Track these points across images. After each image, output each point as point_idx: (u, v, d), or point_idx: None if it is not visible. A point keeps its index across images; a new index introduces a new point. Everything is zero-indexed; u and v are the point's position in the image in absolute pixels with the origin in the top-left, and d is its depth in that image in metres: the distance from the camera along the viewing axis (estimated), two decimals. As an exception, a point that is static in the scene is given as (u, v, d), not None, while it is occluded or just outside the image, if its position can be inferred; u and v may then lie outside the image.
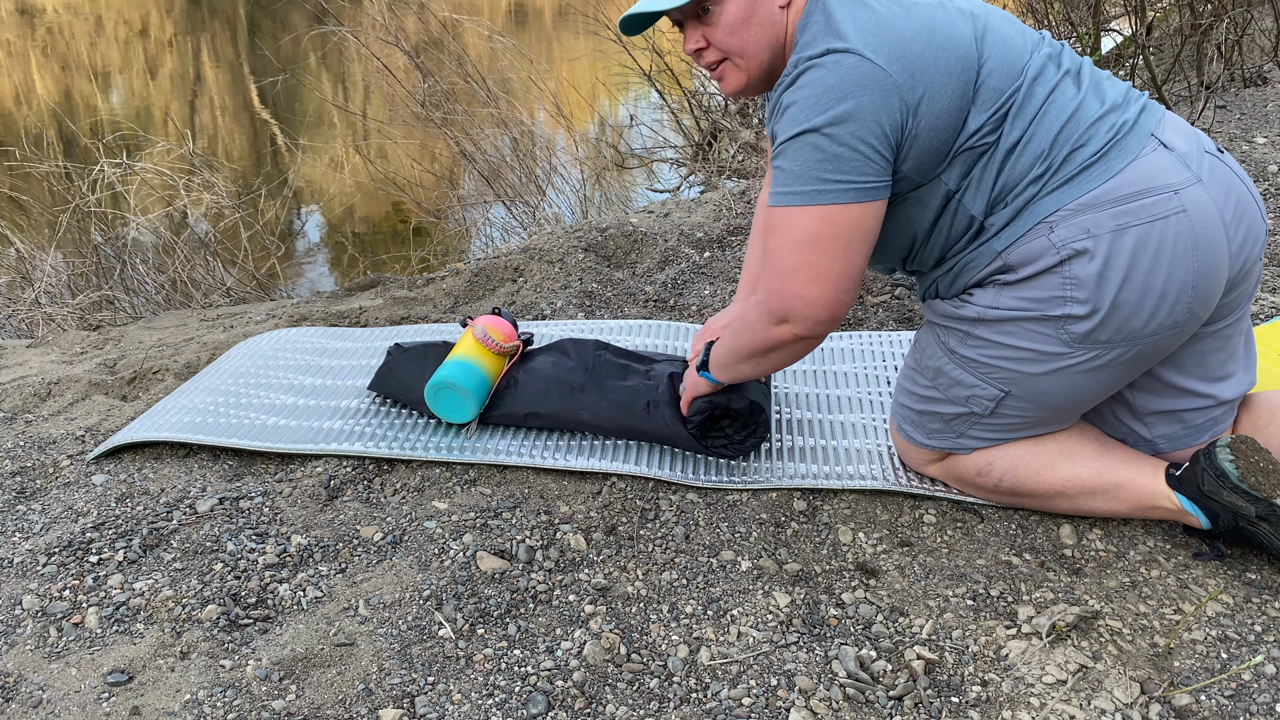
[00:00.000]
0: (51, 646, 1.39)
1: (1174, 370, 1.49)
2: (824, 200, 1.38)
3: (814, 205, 1.39)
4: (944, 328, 1.53)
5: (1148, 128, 1.41)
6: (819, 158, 1.37)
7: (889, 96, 1.34)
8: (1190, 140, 1.42)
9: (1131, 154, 1.38)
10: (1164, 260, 1.35)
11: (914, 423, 1.62)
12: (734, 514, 1.64)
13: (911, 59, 1.35)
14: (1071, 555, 1.52)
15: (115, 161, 4.23)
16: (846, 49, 1.35)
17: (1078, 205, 1.37)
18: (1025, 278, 1.42)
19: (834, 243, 1.40)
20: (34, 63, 9.77)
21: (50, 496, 1.75)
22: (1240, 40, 4.34)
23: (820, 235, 1.40)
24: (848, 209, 1.39)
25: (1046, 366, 1.44)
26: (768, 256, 1.46)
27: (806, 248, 1.41)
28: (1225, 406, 1.53)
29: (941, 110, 1.36)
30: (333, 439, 1.84)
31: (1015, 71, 1.40)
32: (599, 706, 1.28)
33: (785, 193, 1.41)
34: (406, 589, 1.48)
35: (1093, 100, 1.42)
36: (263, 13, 12.59)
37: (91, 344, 2.70)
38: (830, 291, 1.42)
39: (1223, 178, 1.40)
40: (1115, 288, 1.36)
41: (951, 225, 1.47)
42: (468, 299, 2.65)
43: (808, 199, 1.39)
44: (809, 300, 1.42)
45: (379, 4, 5.80)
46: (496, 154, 5.14)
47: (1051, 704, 1.25)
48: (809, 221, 1.40)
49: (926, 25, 1.37)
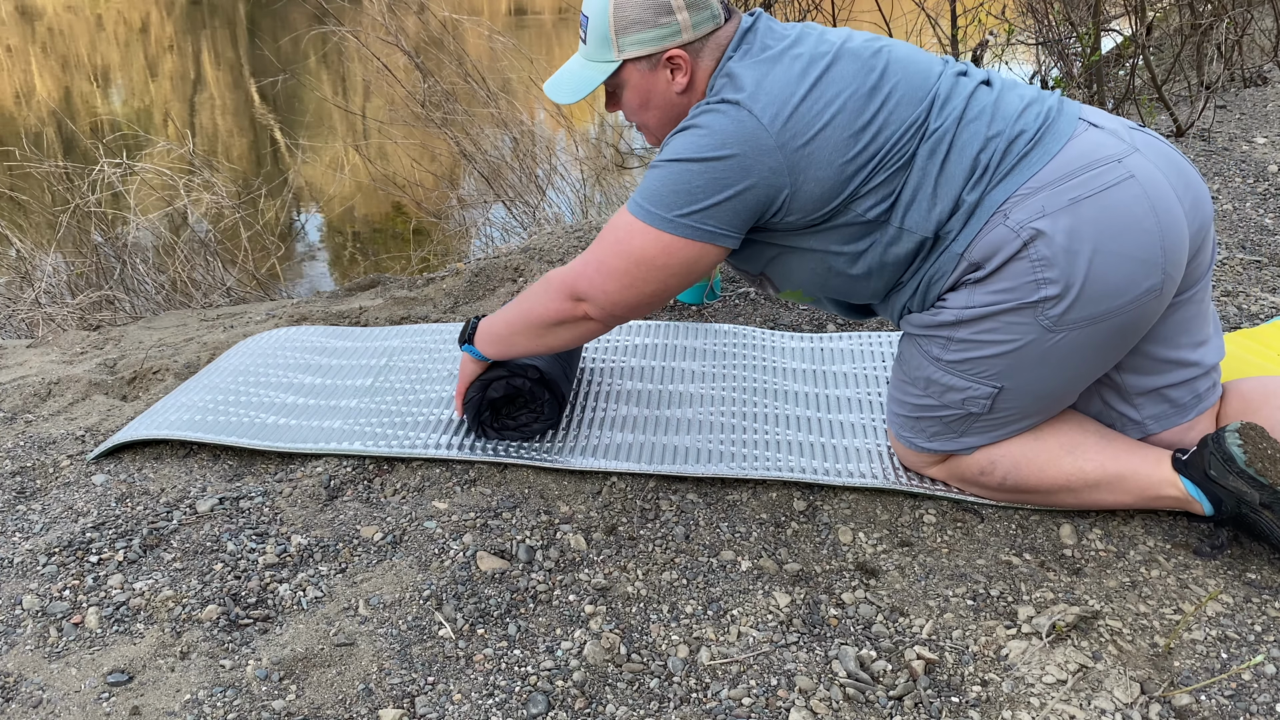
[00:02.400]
0: (51, 646, 1.39)
1: (1157, 343, 1.51)
2: (672, 231, 1.47)
3: (660, 230, 1.47)
4: (924, 338, 1.54)
5: (1074, 113, 1.47)
6: (682, 189, 1.45)
7: (764, 157, 1.43)
8: (1115, 120, 1.49)
9: (1065, 135, 1.43)
10: (1127, 225, 1.37)
11: (913, 429, 1.62)
12: (734, 514, 1.64)
13: (796, 119, 1.42)
14: (1071, 555, 1.52)
15: (115, 161, 4.23)
16: (738, 101, 1.44)
17: (1027, 189, 1.40)
18: (993, 270, 1.43)
19: (663, 270, 1.49)
20: (34, 63, 9.77)
21: (50, 496, 1.75)
22: (1240, 40, 4.34)
23: (654, 260, 1.48)
24: (690, 245, 1.48)
25: (1033, 354, 1.44)
26: (598, 243, 1.53)
27: (635, 263, 1.49)
28: (1208, 377, 1.56)
29: (826, 162, 1.43)
30: (333, 438, 1.84)
31: (920, 98, 1.45)
32: (599, 706, 1.28)
33: (641, 207, 1.49)
34: (406, 589, 1.48)
35: (1011, 96, 1.48)
36: (263, 13, 12.59)
37: (91, 344, 2.70)
38: (635, 301, 1.53)
39: (1156, 147, 1.46)
40: (1085, 260, 1.37)
41: (899, 250, 1.50)
42: (468, 299, 2.65)
43: (658, 223, 1.47)
44: (614, 300, 1.52)
45: (379, 4, 5.79)
46: (496, 154, 5.14)
47: (1051, 704, 1.25)
48: (649, 243, 1.48)
49: (821, 82, 1.44)
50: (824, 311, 1.75)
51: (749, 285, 1.88)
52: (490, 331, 1.67)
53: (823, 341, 2.18)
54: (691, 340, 2.20)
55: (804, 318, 2.37)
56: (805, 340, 2.19)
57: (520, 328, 1.62)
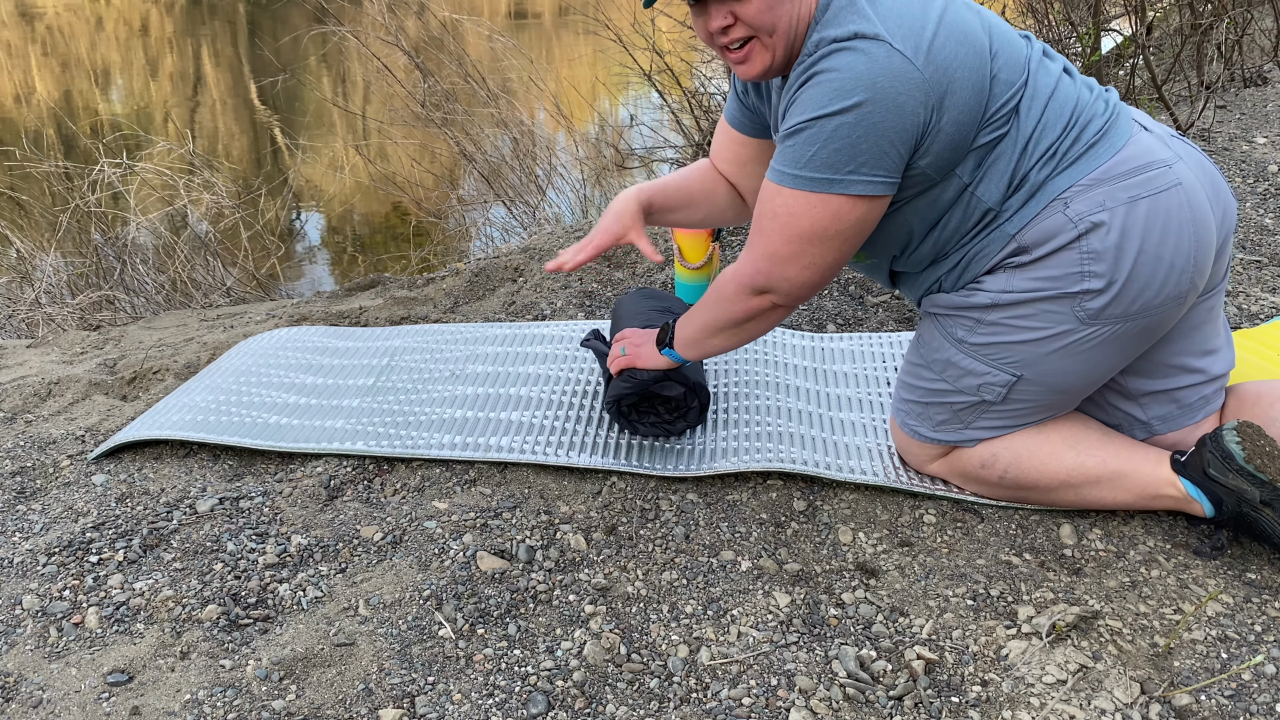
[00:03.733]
0: (51, 646, 1.39)
1: (1166, 349, 1.52)
2: (835, 190, 1.37)
3: (823, 194, 1.37)
4: (949, 318, 1.54)
5: (1129, 113, 1.48)
6: (836, 145, 1.34)
7: (915, 91, 1.33)
8: (1159, 125, 1.50)
9: (1126, 134, 1.43)
10: (1171, 231, 1.38)
11: (919, 416, 1.62)
12: (734, 514, 1.64)
13: (936, 53, 1.33)
14: (1071, 555, 1.52)
15: (115, 161, 4.23)
16: (876, 36, 1.32)
17: (1089, 180, 1.40)
18: (1040, 257, 1.42)
19: (835, 237, 1.41)
20: (34, 63, 9.77)
21: (50, 496, 1.75)
22: (1240, 40, 4.34)
23: (825, 229, 1.39)
24: (857, 203, 1.38)
25: (1059, 345, 1.45)
26: (759, 234, 1.45)
27: (806, 239, 1.41)
28: (1215, 383, 1.56)
29: (963, 105, 1.36)
30: (333, 438, 1.84)
31: (1020, 65, 1.41)
32: (599, 706, 1.28)
33: (794, 175, 1.38)
34: (406, 589, 1.48)
35: (1084, 89, 1.47)
36: (263, 13, 12.59)
37: (91, 344, 2.70)
38: (818, 279, 1.46)
39: (1195, 157, 1.47)
40: (1131, 259, 1.38)
41: (963, 218, 1.47)
42: (468, 299, 2.65)
43: (819, 186, 1.37)
44: (797, 284, 1.46)
45: (379, 4, 5.79)
46: (496, 154, 5.14)
47: (1051, 704, 1.25)
48: (815, 212, 1.38)
49: (947, 20, 1.36)
50: (860, 273, 1.69)
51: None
52: (686, 338, 1.64)
53: (823, 341, 2.18)
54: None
55: (804, 318, 2.37)
56: (806, 339, 2.19)
57: (713, 332, 1.59)
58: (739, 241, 2.84)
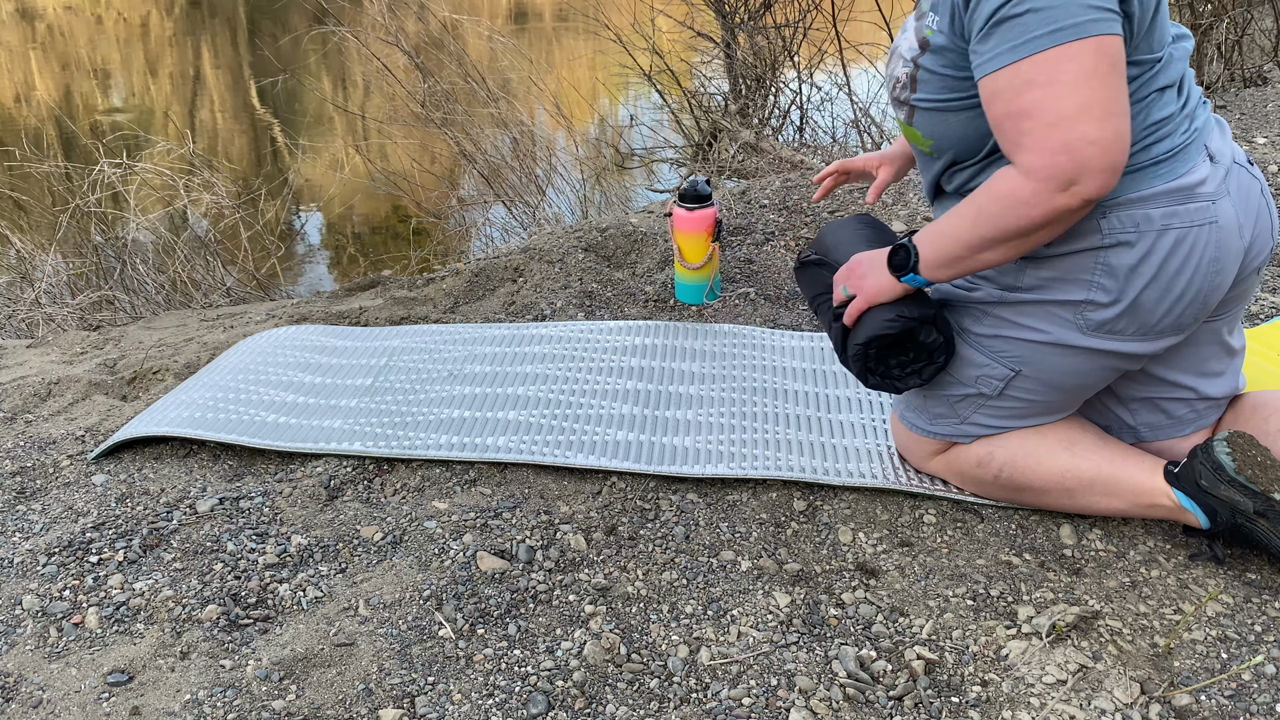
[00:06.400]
0: (51, 646, 1.39)
1: (1162, 365, 1.51)
2: (1093, 31, 1.24)
3: (1083, 39, 1.24)
4: (956, 308, 1.55)
5: (1203, 139, 1.41)
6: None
7: None
8: (1227, 153, 1.42)
9: (1191, 161, 1.38)
10: (1189, 266, 1.37)
11: (918, 408, 1.62)
12: (734, 514, 1.64)
13: None
14: (1071, 555, 1.52)
15: (115, 161, 4.23)
16: None
17: (1136, 197, 1.36)
18: (1058, 254, 1.41)
19: (1113, 73, 1.25)
20: (34, 63, 9.77)
21: (50, 496, 1.75)
22: (1240, 40, 4.34)
23: (1099, 67, 1.25)
24: (1115, 40, 1.26)
25: (1058, 349, 1.45)
26: (1027, 118, 1.27)
27: (1086, 82, 1.24)
28: (1208, 403, 1.55)
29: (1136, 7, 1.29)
30: (333, 438, 1.84)
31: (1164, 42, 1.37)
32: (599, 706, 1.28)
33: (1038, 36, 1.25)
34: (406, 589, 1.48)
35: (1177, 105, 1.40)
36: (263, 13, 12.58)
37: (91, 344, 2.70)
38: (1122, 127, 1.26)
39: (1248, 193, 1.42)
40: (1142, 283, 1.37)
41: None
42: (467, 299, 2.65)
43: (1075, 33, 1.24)
44: (1104, 144, 1.25)
45: (379, 4, 5.80)
46: (496, 154, 5.14)
47: (1051, 704, 1.25)
48: (1083, 56, 1.24)
49: None
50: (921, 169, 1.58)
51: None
52: (943, 257, 1.43)
53: (823, 341, 2.18)
54: (691, 341, 2.20)
55: (804, 318, 2.37)
56: (806, 340, 2.19)
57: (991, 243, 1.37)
58: (738, 241, 2.84)
